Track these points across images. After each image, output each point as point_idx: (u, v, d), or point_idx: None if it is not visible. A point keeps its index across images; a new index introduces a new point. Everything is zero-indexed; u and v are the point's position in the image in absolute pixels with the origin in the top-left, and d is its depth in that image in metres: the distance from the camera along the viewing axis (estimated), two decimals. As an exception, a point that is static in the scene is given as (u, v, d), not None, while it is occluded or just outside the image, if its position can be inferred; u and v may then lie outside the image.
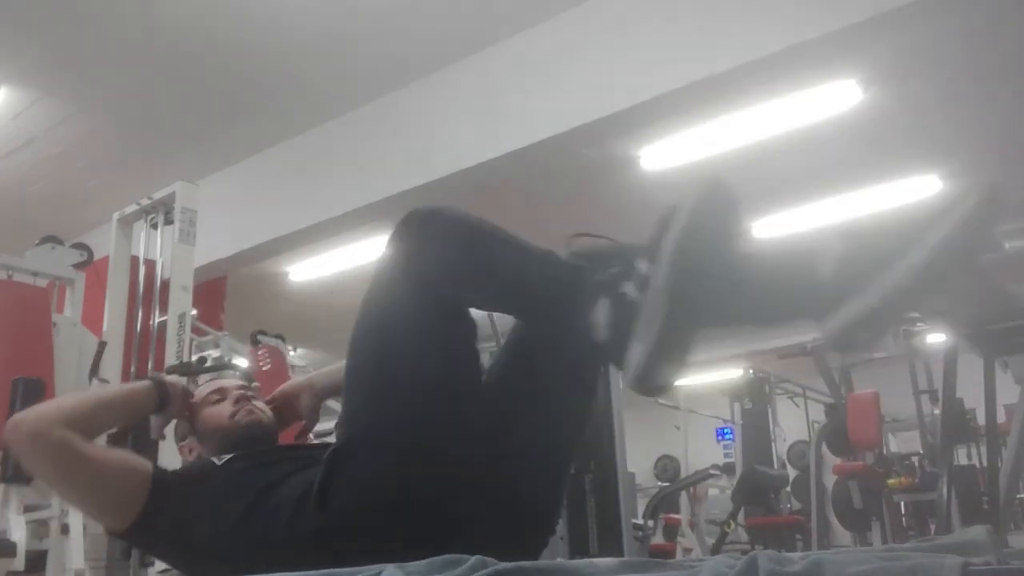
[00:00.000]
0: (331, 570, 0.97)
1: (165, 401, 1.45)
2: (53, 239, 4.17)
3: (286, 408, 1.57)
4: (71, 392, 1.40)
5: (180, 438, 1.57)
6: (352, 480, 1.19)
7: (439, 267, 1.19)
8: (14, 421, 1.31)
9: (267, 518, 1.25)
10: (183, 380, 1.55)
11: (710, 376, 8.60)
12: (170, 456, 3.10)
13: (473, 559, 0.88)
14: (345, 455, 1.21)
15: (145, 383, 1.47)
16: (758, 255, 1.14)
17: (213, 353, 4.28)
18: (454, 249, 1.21)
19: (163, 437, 1.52)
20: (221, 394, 1.53)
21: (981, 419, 3.65)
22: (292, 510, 1.23)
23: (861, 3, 3.18)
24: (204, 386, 1.58)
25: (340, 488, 1.20)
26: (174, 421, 1.54)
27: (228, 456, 1.38)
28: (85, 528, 3.01)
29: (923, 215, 1.05)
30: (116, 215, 3.73)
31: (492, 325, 3.59)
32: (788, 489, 7.51)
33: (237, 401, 1.50)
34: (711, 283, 1.06)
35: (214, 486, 1.33)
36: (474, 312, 1.29)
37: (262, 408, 1.51)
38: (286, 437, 1.60)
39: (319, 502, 1.20)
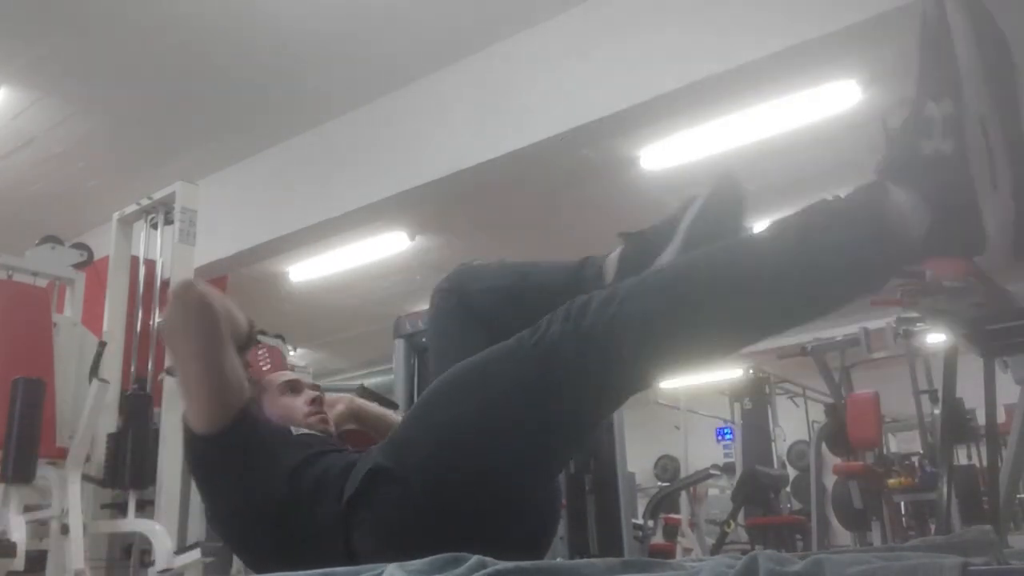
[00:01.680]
0: (331, 569, 0.97)
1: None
2: (53, 239, 4.16)
3: None
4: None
5: None
6: (385, 506, 1.17)
7: (490, 306, 1.28)
8: (189, 281, 1.32)
9: (302, 495, 1.25)
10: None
11: (710, 376, 8.60)
12: (171, 461, 3.11)
13: (473, 559, 0.88)
14: (387, 479, 1.18)
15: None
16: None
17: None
18: (502, 288, 1.29)
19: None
20: (295, 387, 1.52)
21: (981, 419, 3.64)
22: (322, 496, 1.24)
23: (861, 3, 3.18)
24: (278, 373, 1.58)
25: (372, 508, 1.18)
26: None
27: (302, 432, 1.41)
28: (85, 528, 3.01)
29: None
30: (116, 215, 3.73)
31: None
32: (788, 489, 7.52)
33: (313, 402, 1.50)
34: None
35: (282, 446, 1.33)
36: None
37: (331, 420, 1.52)
38: None
39: (348, 509, 1.20)
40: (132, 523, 3.09)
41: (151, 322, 3.60)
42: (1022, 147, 0.77)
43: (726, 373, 7.97)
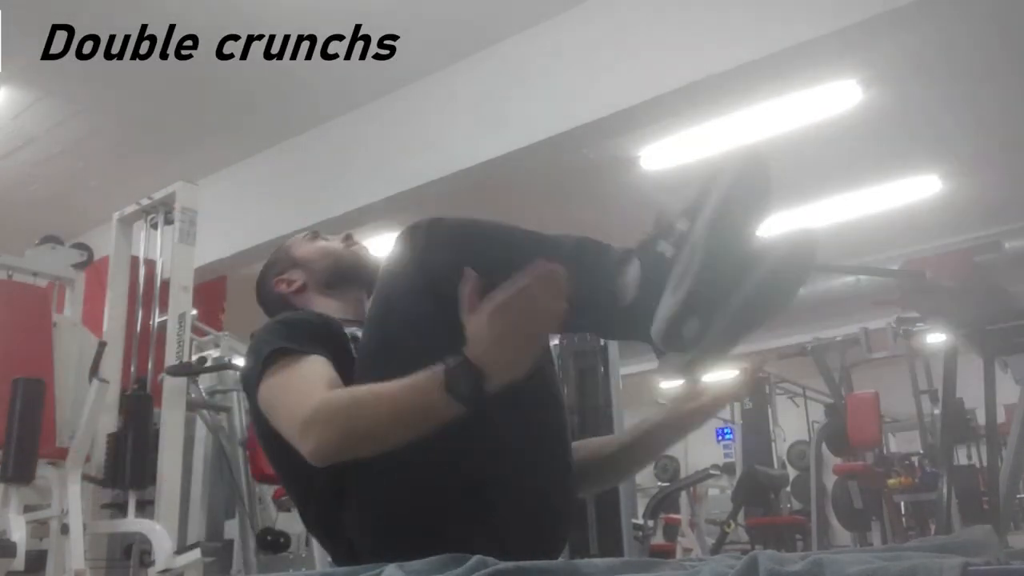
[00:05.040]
0: (331, 569, 0.97)
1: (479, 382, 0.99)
2: (53, 239, 4.17)
3: None
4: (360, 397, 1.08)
5: (277, 273, 1.54)
6: (363, 485, 1.13)
7: (452, 270, 1.05)
8: (304, 427, 1.07)
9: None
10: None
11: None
12: (171, 461, 3.11)
13: (474, 559, 0.87)
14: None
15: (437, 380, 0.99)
16: None
17: (213, 353, 4.27)
18: (467, 248, 1.16)
19: None
20: (323, 235, 1.58)
21: (981, 419, 3.65)
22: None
23: (861, 3, 3.18)
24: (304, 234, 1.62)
25: (352, 487, 1.14)
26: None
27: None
28: (85, 528, 3.01)
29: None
30: (116, 215, 3.73)
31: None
32: (788, 489, 7.52)
33: (349, 237, 1.56)
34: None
35: None
36: None
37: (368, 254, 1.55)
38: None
39: (334, 491, 1.14)
40: (132, 523, 3.09)
41: (151, 322, 3.60)
42: (709, 279, 0.99)
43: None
